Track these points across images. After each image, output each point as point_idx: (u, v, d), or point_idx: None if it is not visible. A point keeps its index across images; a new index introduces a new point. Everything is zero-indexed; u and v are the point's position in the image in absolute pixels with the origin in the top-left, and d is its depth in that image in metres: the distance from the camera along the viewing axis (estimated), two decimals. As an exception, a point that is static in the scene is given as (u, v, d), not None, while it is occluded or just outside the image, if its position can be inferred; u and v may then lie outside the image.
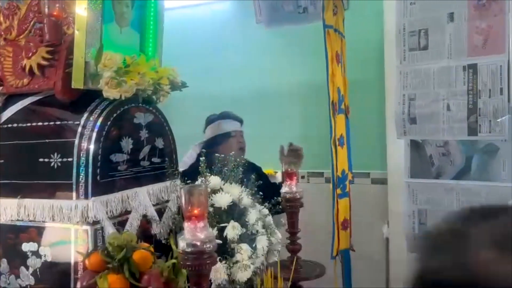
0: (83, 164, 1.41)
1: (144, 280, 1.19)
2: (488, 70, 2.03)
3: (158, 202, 1.66)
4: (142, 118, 1.62)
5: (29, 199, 1.46)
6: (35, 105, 1.57)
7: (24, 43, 1.54)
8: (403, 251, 2.30)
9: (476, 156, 2.08)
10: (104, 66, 1.43)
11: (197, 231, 1.09)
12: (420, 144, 2.24)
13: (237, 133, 2.46)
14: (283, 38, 2.99)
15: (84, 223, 1.38)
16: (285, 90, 2.99)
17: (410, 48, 2.25)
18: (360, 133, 2.56)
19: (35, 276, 1.45)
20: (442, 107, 2.15)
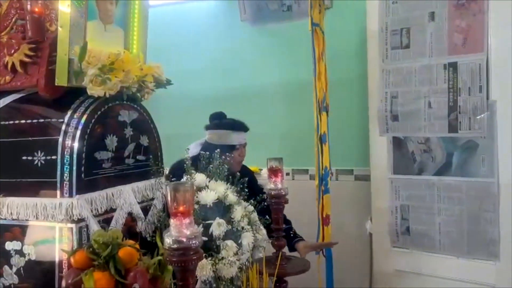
0: (67, 162, 1.40)
1: (130, 277, 1.19)
2: (468, 68, 2.08)
3: (143, 200, 1.66)
4: (126, 116, 1.62)
5: (12, 198, 1.44)
6: (18, 102, 1.55)
7: (6, 40, 1.51)
8: (386, 246, 2.34)
9: (457, 152, 2.14)
10: (88, 64, 1.42)
11: (183, 228, 1.09)
12: (402, 141, 2.28)
13: (241, 146, 2.40)
14: (268, 36, 3.00)
15: (69, 221, 1.37)
16: (270, 88, 3.00)
17: (392, 47, 2.29)
18: (343, 131, 2.59)
19: (18, 275, 1.44)
20: (423, 105, 2.20)
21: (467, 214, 2.09)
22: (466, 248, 2.10)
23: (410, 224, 2.26)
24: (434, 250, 2.19)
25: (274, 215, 1.84)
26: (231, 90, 3.08)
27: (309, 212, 2.35)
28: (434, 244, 2.19)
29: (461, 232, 2.11)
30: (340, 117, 2.48)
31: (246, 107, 3.05)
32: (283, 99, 2.99)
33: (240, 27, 3.05)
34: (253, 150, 2.92)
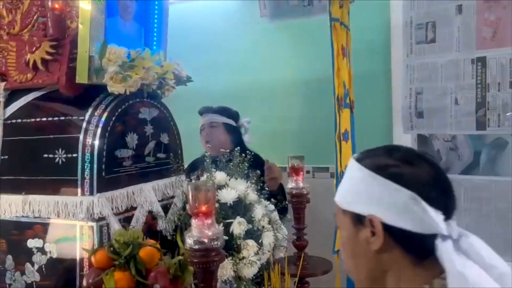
0: (88, 160, 1.40)
1: (150, 277, 1.18)
2: (497, 63, 2.00)
3: (164, 198, 1.65)
4: (147, 113, 1.61)
5: (33, 195, 1.45)
6: (39, 100, 1.55)
7: (27, 37, 1.52)
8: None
9: (485, 150, 2.06)
10: (108, 61, 1.41)
11: (204, 228, 1.07)
12: (428, 139, 2.22)
13: (205, 126, 2.46)
14: (288, 32, 2.95)
15: (90, 219, 1.37)
16: (290, 85, 2.95)
17: (417, 41, 2.22)
18: (366, 128, 2.52)
19: (40, 273, 1.44)
20: (450, 101, 2.13)
21: (496, 214, 2.02)
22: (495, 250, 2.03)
23: (436, 225, 2.20)
24: (461, 251, 2.13)
25: (296, 215, 1.80)
26: (250, 87, 3.05)
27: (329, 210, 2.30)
28: (460, 245, 2.12)
29: (490, 233, 2.04)
30: (363, 114, 2.41)
31: (266, 104, 3.02)
32: (303, 95, 2.94)
33: (259, 23, 3.01)
34: (273, 147, 2.89)
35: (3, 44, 1.56)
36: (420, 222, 0.76)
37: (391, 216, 0.78)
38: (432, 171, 0.80)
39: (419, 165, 0.80)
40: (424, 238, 0.76)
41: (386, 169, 0.81)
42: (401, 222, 0.77)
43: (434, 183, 0.78)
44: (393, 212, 0.78)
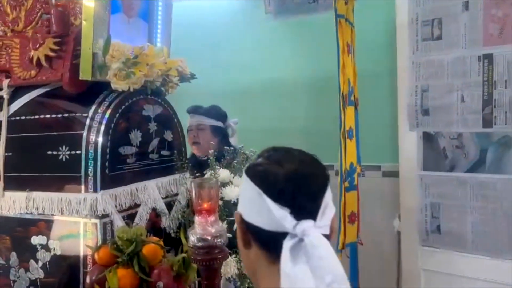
0: (91, 157, 1.39)
1: (154, 274, 1.17)
2: (505, 60, 1.97)
3: (167, 195, 1.64)
4: (150, 110, 1.60)
5: (37, 192, 1.45)
6: (43, 97, 1.55)
7: (31, 34, 1.51)
8: (414, 244, 2.26)
9: (491, 148, 2.04)
10: (112, 57, 1.41)
11: (207, 225, 1.07)
12: (433, 137, 2.19)
13: (193, 127, 2.47)
14: (292, 29, 2.94)
15: (93, 216, 1.37)
16: (294, 82, 2.94)
17: (423, 38, 2.19)
18: (371, 125, 2.51)
19: (44, 270, 1.44)
20: (456, 99, 2.10)
21: (502, 213, 2.00)
22: (500, 249, 2.01)
23: (441, 223, 2.17)
24: (466, 250, 2.10)
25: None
26: (254, 84, 3.04)
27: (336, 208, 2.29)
28: (466, 243, 2.10)
29: (495, 231, 2.02)
30: (368, 111, 2.40)
31: (270, 101, 3.01)
32: (308, 93, 2.93)
33: (264, 21, 3.00)
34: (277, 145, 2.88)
35: (7, 41, 1.55)
36: (268, 219, 0.75)
37: (247, 212, 0.79)
38: (291, 171, 0.77)
39: (277, 163, 0.79)
40: (275, 236, 0.74)
41: (249, 168, 0.82)
42: (254, 218, 0.78)
43: (286, 182, 0.76)
44: (248, 209, 0.79)
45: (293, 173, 0.77)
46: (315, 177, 0.79)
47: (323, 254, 0.72)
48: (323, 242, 0.73)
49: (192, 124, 2.47)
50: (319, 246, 0.72)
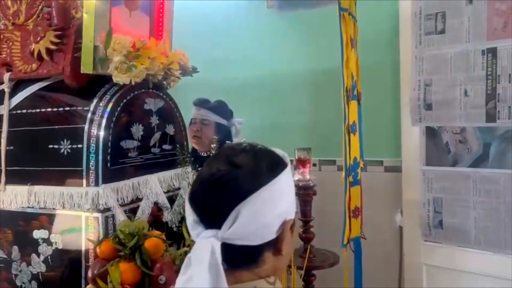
0: (93, 151, 1.39)
1: (156, 268, 1.17)
2: (508, 54, 1.96)
3: (169, 190, 1.64)
4: (152, 104, 1.59)
5: (39, 186, 1.44)
6: (44, 90, 1.55)
7: (32, 27, 1.51)
8: (417, 239, 2.26)
9: (494, 143, 2.02)
10: (113, 51, 1.40)
11: (210, 219, 1.06)
12: (436, 131, 2.18)
13: (197, 120, 2.40)
14: (295, 23, 2.92)
15: (95, 210, 1.36)
16: (297, 77, 2.92)
17: (426, 32, 2.18)
18: (374, 120, 2.50)
19: (46, 264, 1.44)
20: (459, 93, 2.09)
21: (505, 207, 1.99)
22: (503, 244, 2.00)
23: (443, 218, 2.17)
24: (469, 245, 2.09)
25: (302, 207, 1.79)
26: (256, 79, 3.02)
27: (336, 203, 2.28)
28: (468, 238, 2.09)
29: (499, 226, 2.01)
30: (370, 106, 2.39)
31: (272, 96, 2.99)
32: (310, 87, 2.91)
33: (266, 14, 2.98)
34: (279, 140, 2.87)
35: (8, 34, 1.55)
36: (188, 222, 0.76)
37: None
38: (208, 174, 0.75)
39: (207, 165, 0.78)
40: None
41: None
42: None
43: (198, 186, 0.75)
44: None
45: (208, 177, 0.74)
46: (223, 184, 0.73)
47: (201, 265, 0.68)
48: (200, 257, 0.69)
49: (196, 117, 2.41)
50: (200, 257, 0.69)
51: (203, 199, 0.73)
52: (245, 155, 0.76)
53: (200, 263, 0.68)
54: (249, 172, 0.74)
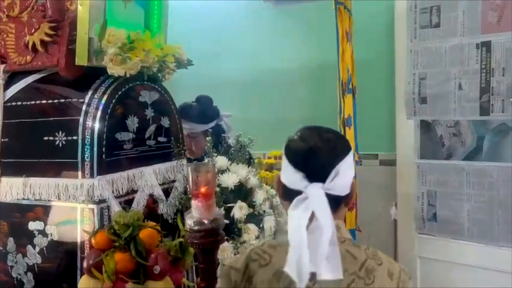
0: (88, 143, 1.39)
1: (151, 258, 1.18)
2: (502, 47, 1.97)
3: (165, 182, 1.64)
4: (147, 96, 1.59)
5: (34, 178, 1.45)
6: (39, 82, 1.54)
7: (26, 19, 1.50)
8: (411, 232, 2.28)
9: (488, 136, 2.04)
10: (108, 42, 1.40)
11: (204, 209, 1.07)
12: (431, 125, 2.19)
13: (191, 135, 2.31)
14: (291, 17, 2.92)
15: (90, 202, 1.37)
16: (293, 71, 2.93)
17: (421, 26, 2.19)
18: (369, 114, 2.51)
19: (42, 255, 1.45)
20: (453, 87, 2.10)
21: (498, 200, 2.01)
22: (496, 236, 2.02)
23: (437, 210, 2.18)
24: (462, 237, 2.12)
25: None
26: (252, 73, 3.03)
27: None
28: (462, 231, 2.11)
29: (492, 219, 2.03)
30: (365, 99, 2.40)
31: (269, 90, 3.00)
32: (307, 81, 2.92)
33: (263, 9, 2.97)
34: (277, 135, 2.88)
35: (2, 26, 1.54)
36: (290, 180, 1.00)
37: (281, 174, 1.05)
38: (308, 146, 1.00)
39: (300, 139, 1.03)
40: (293, 192, 0.98)
41: (285, 142, 1.06)
42: (284, 179, 1.03)
43: (303, 153, 0.99)
44: (282, 171, 1.05)
45: (309, 147, 1.00)
46: (323, 151, 0.99)
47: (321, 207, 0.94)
48: (321, 201, 0.94)
49: (187, 132, 2.24)
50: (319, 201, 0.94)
51: (313, 160, 0.98)
52: (331, 133, 1.05)
53: (322, 202, 0.94)
54: (341, 142, 1.04)
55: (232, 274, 1.00)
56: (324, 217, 0.93)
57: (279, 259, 0.95)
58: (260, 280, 0.96)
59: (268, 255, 0.99)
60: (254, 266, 0.98)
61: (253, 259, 0.99)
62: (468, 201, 2.09)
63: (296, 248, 0.91)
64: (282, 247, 0.97)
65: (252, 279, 0.96)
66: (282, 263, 0.92)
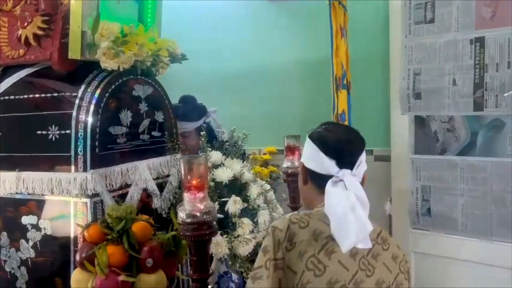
0: (81, 137, 1.39)
1: (144, 251, 1.18)
2: (496, 43, 1.98)
3: (159, 176, 1.64)
4: (141, 91, 1.59)
5: (27, 172, 1.44)
6: (32, 76, 1.54)
7: (19, 12, 1.49)
8: (405, 227, 2.29)
9: (482, 131, 2.05)
10: (101, 36, 1.40)
11: (196, 202, 1.07)
12: (425, 120, 2.20)
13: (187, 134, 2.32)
14: (287, 13, 2.92)
15: (83, 195, 1.36)
16: (288, 67, 2.93)
17: (415, 22, 2.19)
18: (364, 109, 2.51)
19: (35, 249, 1.44)
20: (447, 82, 2.11)
21: (492, 195, 2.02)
22: (490, 231, 2.03)
23: (431, 205, 2.19)
24: (456, 232, 2.13)
25: (291, 194, 1.81)
26: (248, 68, 3.02)
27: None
28: (456, 226, 2.12)
29: (485, 214, 2.04)
30: (360, 95, 2.40)
31: (263, 85, 3.00)
32: (302, 77, 2.92)
33: (258, 4, 2.97)
34: (271, 130, 2.88)
35: (-5, 20, 1.53)
36: (321, 166, 1.15)
37: (307, 161, 1.20)
38: (338, 136, 1.18)
39: (330, 132, 1.20)
40: (324, 177, 1.14)
41: (312, 133, 1.22)
42: (312, 165, 1.18)
43: (334, 143, 1.16)
44: (307, 159, 1.20)
45: (339, 139, 1.17)
46: (353, 143, 1.17)
47: (356, 187, 1.11)
48: (355, 182, 1.12)
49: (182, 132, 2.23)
50: (353, 183, 1.11)
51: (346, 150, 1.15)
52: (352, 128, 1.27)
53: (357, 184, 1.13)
54: (360, 135, 1.22)
55: (276, 233, 1.08)
56: (363, 195, 1.11)
57: (315, 223, 1.10)
58: (300, 240, 1.06)
59: (306, 220, 1.11)
60: (294, 228, 1.08)
61: (293, 222, 1.09)
62: (462, 196, 2.10)
63: (340, 217, 1.06)
64: (315, 215, 1.12)
65: (293, 239, 1.07)
66: (318, 226, 1.08)
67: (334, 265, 1.05)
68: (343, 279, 1.04)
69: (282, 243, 1.05)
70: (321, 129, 1.23)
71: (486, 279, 2.03)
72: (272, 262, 1.04)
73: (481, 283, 2.04)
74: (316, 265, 1.04)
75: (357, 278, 1.06)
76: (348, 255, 1.07)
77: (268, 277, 1.02)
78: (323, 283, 1.02)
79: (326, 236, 1.07)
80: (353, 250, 1.07)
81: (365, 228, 1.08)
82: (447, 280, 2.14)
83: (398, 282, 1.13)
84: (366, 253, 1.10)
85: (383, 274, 1.11)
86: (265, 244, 1.07)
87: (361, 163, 1.16)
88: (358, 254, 1.09)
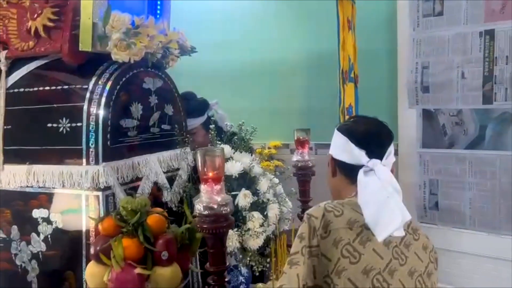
0: (92, 129, 1.38)
1: (159, 244, 1.17)
2: (506, 35, 1.97)
3: (169, 170, 1.63)
4: (151, 83, 1.58)
5: (38, 165, 1.43)
6: (42, 69, 1.52)
7: (28, 4, 1.47)
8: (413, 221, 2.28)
9: (491, 125, 2.04)
10: (112, 28, 1.38)
11: (213, 194, 1.06)
12: (433, 114, 2.20)
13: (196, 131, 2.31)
14: (294, 6, 2.90)
15: (95, 189, 1.35)
16: (293, 61, 2.92)
17: (424, 14, 2.18)
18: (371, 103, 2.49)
19: (46, 243, 1.43)
20: (456, 75, 2.10)
21: (500, 189, 2.02)
22: (498, 224, 2.03)
23: (439, 199, 2.19)
24: (464, 226, 2.13)
25: (301, 187, 1.80)
26: (253, 62, 3.01)
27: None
28: (464, 219, 2.12)
29: (494, 207, 2.04)
30: (367, 88, 2.39)
31: (269, 80, 2.99)
32: (307, 71, 2.90)
33: (262, -2, 2.96)
34: (276, 125, 2.87)
35: (4, 11, 1.51)
36: (350, 156, 1.17)
37: (336, 153, 1.22)
38: (367, 128, 1.20)
39: (359, 124, 1.23)
40: (354, 167, 1.15)
41: (341, 126, 1.25)
42: (341, 156, 1.20)
43: (364, 135, 1.18)
44: (337, 151, 1.22)
45: (368, 130, 1.20)
46: (382, 134, 1.20)
47: (388, 176, 1.11)
48: (387, 171, 1.13)
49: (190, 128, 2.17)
50: (385, 172, 1.12)
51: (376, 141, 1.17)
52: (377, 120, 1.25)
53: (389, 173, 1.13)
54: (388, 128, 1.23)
55: (312, 221, 1.09)
56: (396, 183, 1.12)
57: (349, 212, 1.11)
58: (336, 228, 1.08)
59: (340, 208, 1.12)
60: (329, 216, 1.09)
61: (328, 210, 1.10)
62: (470, 190, 2.10)
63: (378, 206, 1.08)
64: (348, 204, 1.13)
65: (328, 227, 1.08)
66: (352, 215, 1.10)
67: (368, 254, 1.07)
68: (378, 267, 1.06)
69: (317, 230, 1.07)
70: (349, 122, 1.27)
71: (493, 272, 2.03)
72: (307, 249, 1.05)
73: (489, 276, 2.04)
74: (351, 253, 1.06)
75: (391, 266, 1.08)
76: (382, 244, 1.09)
77: (304, 263, 1.03)
78: (359, 270, 1.04)
79: (361, 225, 1.09)
80: (386, 239, 1.09)
81: (404, 216, 1.08)
82: (454, 274, 2.15)
83: (428, 271, 1.15)
84: (398, 242, 1.12)
85: (415, 263, 1.13)
86: (301, 231, 1.09)
87: (390, 153, 1.18)
88: (391, 243, 1.11)
